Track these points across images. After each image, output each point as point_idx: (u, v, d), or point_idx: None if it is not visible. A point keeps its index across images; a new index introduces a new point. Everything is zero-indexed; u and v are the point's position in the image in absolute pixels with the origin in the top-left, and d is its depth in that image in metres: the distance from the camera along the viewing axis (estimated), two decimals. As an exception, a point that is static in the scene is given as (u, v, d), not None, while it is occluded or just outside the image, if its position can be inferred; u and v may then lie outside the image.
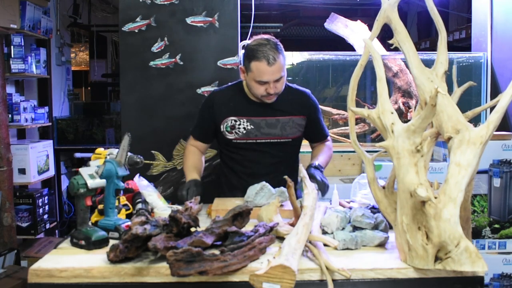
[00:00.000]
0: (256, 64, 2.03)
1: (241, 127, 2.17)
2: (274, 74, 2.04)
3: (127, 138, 1.68)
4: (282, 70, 2.07)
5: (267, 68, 2.02)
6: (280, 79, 2.08)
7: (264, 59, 2.01)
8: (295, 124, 2.20)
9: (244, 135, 2.17)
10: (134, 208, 1.84)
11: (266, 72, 2.02)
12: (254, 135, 2.17)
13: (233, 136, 2.18)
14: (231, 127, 2.17)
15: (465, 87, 1.56)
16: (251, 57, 2.05)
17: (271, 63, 2.01)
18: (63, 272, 1.34)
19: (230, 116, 2.18)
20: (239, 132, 2.17)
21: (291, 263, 1.23)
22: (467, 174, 1.31)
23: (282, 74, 2.07)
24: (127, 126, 2.82)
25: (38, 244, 3.55)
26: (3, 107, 3.22)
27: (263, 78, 2.04)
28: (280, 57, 2.05)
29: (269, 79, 2.04)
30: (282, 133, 2.19)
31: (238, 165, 2.23)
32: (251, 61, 2.05)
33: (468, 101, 3.30)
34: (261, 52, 2.02)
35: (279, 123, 2.18)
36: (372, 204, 1.82)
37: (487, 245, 2.57)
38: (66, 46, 4.94)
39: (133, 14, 2.84)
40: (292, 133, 2.20)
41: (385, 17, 1.49)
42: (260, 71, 2.03)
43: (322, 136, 2.34)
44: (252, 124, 2.17)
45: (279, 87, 2.10)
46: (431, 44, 5.76)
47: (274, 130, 2.18)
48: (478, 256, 1.27)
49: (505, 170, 2.49)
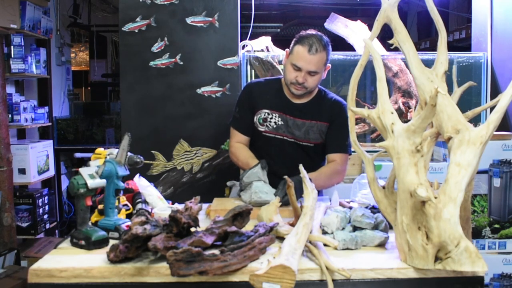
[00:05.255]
0: (298, 48, 2.09)
1: (272, 121, 2.21)
2: (310, 64, 2.07)
3: (127, 138, 1.68)
4: (320, 66, 2.10)
5: (306, 55, 2.07)
6: (314, 74, 2.10)
7: (307, 45, 2.07)
8: (318, 130, 2.21)
9: (274, 129, 2.21)
10: (134, 208, 1.84)
11: (304, 58, 2.07)
12: (283, 131, 2.21)
13: (264, 128, 2.22)
14: (263, 119, 2.22)
15: (465, 87, 1.56)
16: (298, 41, 2.12)
17: (311, 52, 2.06)
18: (63, 272, 1.34)
19: (265, 108, 2.22)
20: (269, 125, 2.21)
21: (291, 263, 1.23)
22: (467, 174, 1.31)
23: (318, 70, 2.10)
24: (127, 126, 2.82)
25: (38, 244, 3.55)
26: (3, 107, 3.22)
27: (298, 63, 2.08)
28: (323, 53, 2.09)
29: (303, 66, 2.08)
30: (305, 136, 2.20)
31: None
32: (296, 45, 2.11)
33: (468, 101, 3.30)
34: (308, 39, 2.08)
35: (304, 126, 2.20)
36: (372, 204, 1.82)
37: (487, 245, 2.56)
38: (66, 46, 4.94)
39: (133, 14, 2.84)
40: (314, 138, 2.20)
41: (385, 17, 1.49)
42: (299, 55, 2.08)
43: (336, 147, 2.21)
44: (282, 120, 2.21)
45: (310, 82, 2.11)
46: (431, 44, 5.76)
47: (298, 131, 2.20)
48: (478, 256, 1.27)
49: (505, 170, 2.49)
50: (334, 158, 2.22)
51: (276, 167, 2.16)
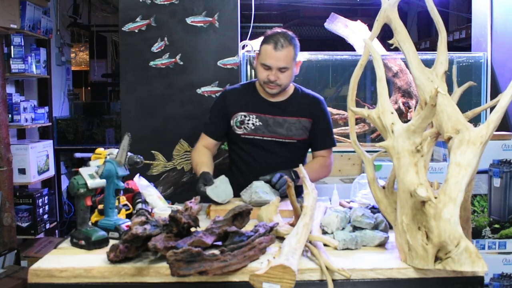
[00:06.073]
0: (265, 47, 2.12)
1: (250, 122, 2.22)
2: (278, 60, 2.09)
3: (127, 138, 1.68)
4: (289, 61, 2.11)
5: (273, 52, 2.08)
6: (285, 71, 2.11)
7: (273, 43, 2.09)
8: (301, 126, 2.22)
9: (252, 131, 2.21)
10: (134, 208, 1.84)
11: (271, 56, 2.09)
12: (261, 131, 2.21)
13: (242, 131, 2.23)
14: (240, 122, 2.22)
15: (465, 87, 1.56)
16: (264, 41, 2.15)
17: (277, 49, 2.08)
18: (63, 272, 1.34)
19: (241, 111, 2.23)
20: (247, 127, 2.22)
21: (291, 263, 1.23)
22: (467, 174, 1.31)
23: (287, 65, 2.11)
24: (127, 126, 2.82)
25: (38, 244, 3.55)
26: (3, 107, 3.22)
27: (267, 61, 2.10)
28: (290, 48, 2.10)
29: (272, 64, 2.09)
30: (287, 133, 2.21)
31: (245, 164, 2.26)
32: (262, 45, 2.14)
33: (468, 101, 3.30)
34: (273, 37, 2.11)
35: (286, 123, 2.21)
36: (372, 204, 1.82)
37: (487, 245, 2.56)
38: (66, 46, 4.94)
39: (133, 14, 2.84)
40: (297, 134, 2.22)
41: (385, 17, 1.49)
42: (266, 53, 2.10)
43: (322, 144, 2.29)
44: (260, 120, 2.22)
45: (282, 78, 2.12)
46: (431, 44, 5.76)
47: (280, 129, 2.21)
48: (478, 256, 1.27)
49: (505, 170, 2.49)
50: (322, 154, 2.29)
51: (258, 167, 2.20)
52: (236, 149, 2.30)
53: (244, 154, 2.27)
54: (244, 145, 2.25)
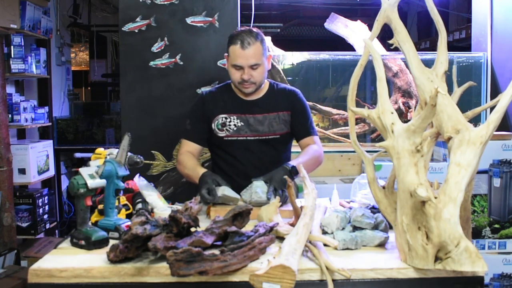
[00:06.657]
0: (232, 48, 2.09)
1: (231, 124, 2.19)
2: (248, 59, 2.07)
3: (127, 138, 1.68)
4: (259, 57, 2.09)
5: (241, 52, 2.06)
6: (257, 67, 2.10)
7: (239, 42, 2.07)
8: (281, 120, 2.22)
9: (235, 132, 2.20)
10: (134, 208, 1.84)
11: (240, 55, 2.07)
12: (244, 131, 2.20)
13: (224, 133, 2.20)
14: (222, 125, 2.20)
15: (465, 87, 1.56)
16: (230, 42, 2.12)
17: (245, 47, 2.06)
18: (63, 272, 1.34)
19: (221, 114, 2.21)
20: (229, 129, 2.20)
21: (291, 263, 1.23)
22: (467, 174, 1.31)
23: (258, 62, 2.09)
24: (127, 126, 2.82)
25: (38, 244, 3.55)
26: (3, 107, 3.22)
27: (237, 62, 2.08)
28: (257, 44, 2.08)
29: (243, 63, 2.07)
30: (269, 129, 2.20)
31: (230, 166, 2.23)
32: (230, 46, 2.11)
33: (468, 101, 3.30)
34: (238, 37, 2.09)
35: (266, 120, 2.20)
36: (372, 204, 1.82)
37: (487, 245, 2.57)
38: (66, 46, 4.94)
39: (133, 14, 2.84)
40: (279, 129, 2.21)
41: (385, 17, 1.49)
42: (235, 54, 2.08)
43: (306, 132, 2.25)
44: (242, 121, 2.20)
45: (255, 76, 2.11)
46: (431, 44, 5.76)
47: (261, 127, 2.20)
48: (478, 256, 1.27)
49: (505, 170, 2.49)
50: (308, 142, 2.25)
51: (243, 168, 2.19)
52: (219, 153, 2.26)
53: (228, 157, 2.23)
54: (228, 148, 2.22)
